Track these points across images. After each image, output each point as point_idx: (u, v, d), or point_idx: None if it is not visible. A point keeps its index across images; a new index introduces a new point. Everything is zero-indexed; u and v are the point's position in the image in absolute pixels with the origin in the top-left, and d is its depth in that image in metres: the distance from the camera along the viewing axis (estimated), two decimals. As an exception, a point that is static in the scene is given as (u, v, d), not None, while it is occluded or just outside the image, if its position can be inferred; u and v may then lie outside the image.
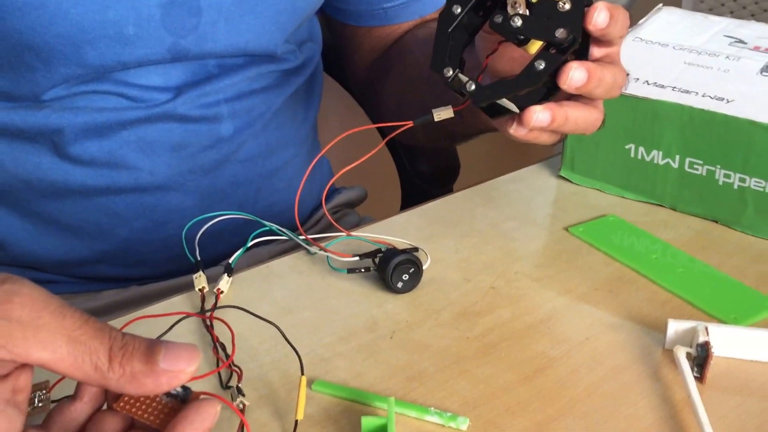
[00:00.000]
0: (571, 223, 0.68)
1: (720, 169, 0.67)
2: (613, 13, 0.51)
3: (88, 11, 0.60)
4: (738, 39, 0.76)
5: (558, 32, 0.50)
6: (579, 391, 0.50)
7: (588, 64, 0.51)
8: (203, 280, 0.58)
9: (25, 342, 0.33)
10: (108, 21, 0.61)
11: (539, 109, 0.52)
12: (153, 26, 0.63)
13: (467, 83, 0.53)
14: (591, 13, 0.50)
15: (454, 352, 0.53)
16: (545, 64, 0.50)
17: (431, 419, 0.47)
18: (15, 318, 0.34)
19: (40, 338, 0.34)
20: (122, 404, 0.37)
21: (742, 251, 0.65)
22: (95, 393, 0.38)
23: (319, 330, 0.55)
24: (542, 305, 0.58)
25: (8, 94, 0.64)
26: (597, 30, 0.50)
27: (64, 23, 0.60)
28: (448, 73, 0.53)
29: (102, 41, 0.62)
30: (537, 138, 0.55)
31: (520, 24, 0.51)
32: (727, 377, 0.52)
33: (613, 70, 0.53)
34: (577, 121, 0.54)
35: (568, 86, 0.51)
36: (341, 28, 0.86)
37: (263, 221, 0.64)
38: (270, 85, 0.75)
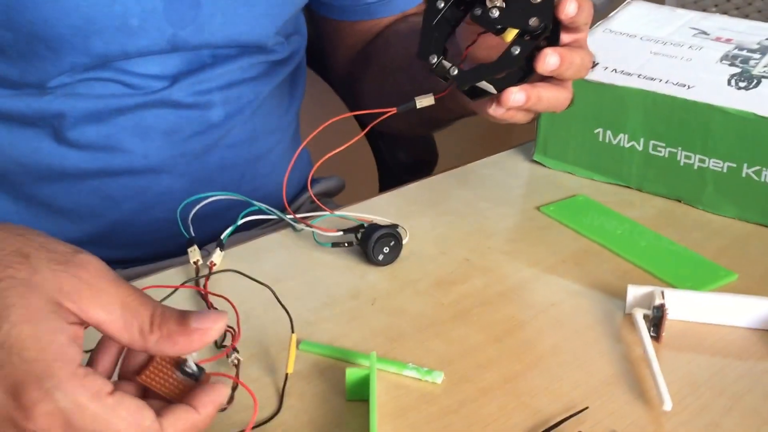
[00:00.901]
0: (543, 203, 0.72)
1: (681, 151, 0.72)
2: (581, 3, 0.56)
3: (97, 4, 0.64)
4: (701, 30, 0.80)
5: (531, 21, 0.56)
6: (544, 349, 0.55)
7: (560, 50, 0.57)
8: (197, 253, 0.62)
9: (90, 301, 0.39)
10: (115, 13, 0.65)
11: (515, 90, 0.58)
12: (155, 18, 0.67)
13: (450, 68, 0.58)
14: (562, 4, 0.56)
15: (430, 316, 0.58)
16: (520, 49, 0.56)
17: (409, 374, 0.51)
18: (85, 280, 0.39)
19: (102, 301, 0.39)
20: (144, 377, 0.41)
21: (702, 227, 0.70)
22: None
23: (305, 297, 0.59)
24: (512, 275, 0.63)
25: (14, 82, 0.68)
26: (567, 18, 0.56)
27: (75, 15, 0.64)
28: (433, 60, 0.58)
29: (108, 32, 0.66)
30: (513, 117, 0.61)
31: (497, 15, 0.57)
32: (681, 337, 0.56)
33: (581, 54, 0.59)
34: (549, 100, 0.60)
35: (544, 70, 0.57)
36: (324, 22, 0.90)
37: (253, 201, 0.67)
38: (259, 75, 0.79)
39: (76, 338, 0.39)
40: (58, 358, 0.37)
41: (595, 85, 0.73)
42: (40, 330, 0.38)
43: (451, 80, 0.58)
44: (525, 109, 0.60)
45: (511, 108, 0.58)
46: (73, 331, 0.39)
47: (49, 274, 0.39)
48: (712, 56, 0.75)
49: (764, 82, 0.70)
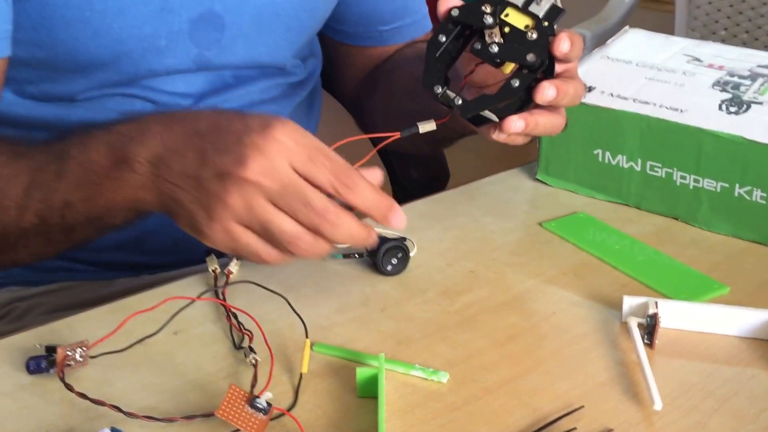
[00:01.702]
0: (545, 219, 0.76)
1: (677, 171, 0.75)
2: (573, 39, 0.62)
3: (127, 26, 0.69)
4: (695, 57, 0.84)
5: (529, 56, 0.61)
6: (545, 353, 0.58)
7: (556, 82, 0.62)
8: (215, 262, 0.65)
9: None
10: (144, 34, 0.70)
11: (515, 118, 0.63)
12: (182, 39, 0.72)
13: (455, 98, 0.63)
14: (557, 42, 0.61)
15: (436, 323, 0.61)
16: (519, 82, 0.61)
17: (416, 374, 0.55)
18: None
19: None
20: (220, 411, 0.47)
21: (698, 243, 0.73)
22: None
23: (318, 304, 0.63)
24: (515, 286, 0.66)
25: (45, 95, 0.72)
26: (561, 55, 0.62)
27: (106, 36, 0.68)
28: (438, 90, 0.63)
29: (137, 52, 0.70)
30: (514, 140, 0.67)
31: (496, 50, 0.62)
32: (674, 345, 0.59)
33: (574, 84, 0.64)
34: (546, 126, 0.65)
35: (542, 101, 0.62)
36: (337, 46, 0.94)
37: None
38: (279, 96, 0.83)
39: None
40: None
41: (593, 109, 0.77)
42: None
43: (455, 108, 0.63)
44: (524, 134, 0.65)
45: (512, 134, 0.63)
46: None
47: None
48: (704, 82, 0.79)
49: (754, 107, 0.74)
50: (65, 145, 0.61)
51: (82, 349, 0.53)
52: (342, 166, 0.56)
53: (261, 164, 0.54)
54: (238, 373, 0.55)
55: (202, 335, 0.59)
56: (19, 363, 0.55)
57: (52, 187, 0.60)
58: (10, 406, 0.52)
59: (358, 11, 0.88)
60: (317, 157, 0.55)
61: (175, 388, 0.54)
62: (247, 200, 0.55)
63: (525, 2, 0.61)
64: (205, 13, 0.72)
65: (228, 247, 0.57)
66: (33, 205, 0.61)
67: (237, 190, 0.54)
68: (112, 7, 0.68)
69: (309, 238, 0.55)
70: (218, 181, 0.55)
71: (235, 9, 0.74)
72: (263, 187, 0.54)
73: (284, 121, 0.56)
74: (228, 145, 0.55)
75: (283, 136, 0.55)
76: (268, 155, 0.54)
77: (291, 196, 0.54)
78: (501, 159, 0.99)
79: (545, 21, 0.61)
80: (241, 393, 0.47)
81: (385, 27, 0.90)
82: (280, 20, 0.77)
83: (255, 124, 0.56)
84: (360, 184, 0.56)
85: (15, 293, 0.79)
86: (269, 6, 0.76)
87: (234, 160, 0.55)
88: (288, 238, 0.55)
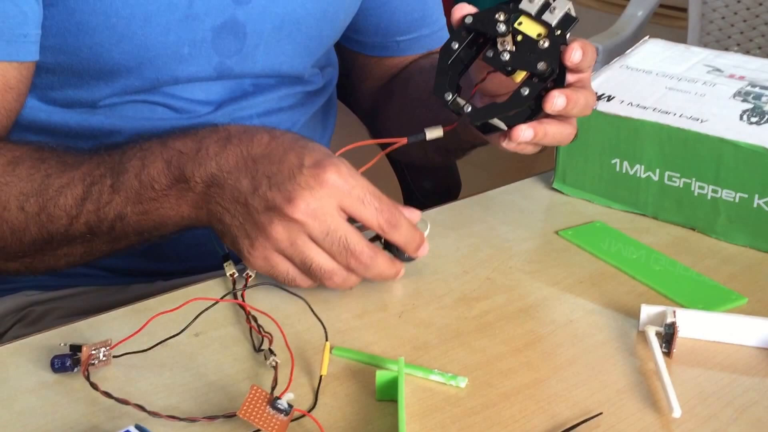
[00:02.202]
0: (561, 228, 0.76)
1: (695, 182, 0.75)
2: (585, 49, 0.62)
3: (152, 33, 0.69)
4: (715, 68, 0.84)
5: (539, 65, 0.61)
6: (562, 360, 0.58)
7: (566, 91, 0.62)
8: (232, 267, 0.66)
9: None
10: (168, 42, 0.70)
11: (524, 127, 0.63)
12: (204, 47, 0.72)
13: (464, 106, 0.63)
14: (569, 52, 0.61)
15: (454, 329, 0.61)
16: (529, 90, 0.61)
17: (435, 378, 0.55)
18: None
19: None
20: (242, 411, 0.47)
21: (715, 254, 0.73)
22: None
23: (336, 308, 0.63)
24: (532, 293, 0.66)
25: (68, 100, 0.73)
26: (572, 64, 0.62)
27: (130, 43, 0.69)
28: (448, 97, 0.63)
29: (160, 59, 0.71)
30: (523, 149, 0.67)
31: (508, 58, 0.62)
32: (691, 354, 0.59)
33: (585, 94, 0.64)
34: (555, 135, 0.66)
35: (552, 110, 0.62)
36: (354, 56, 0.95)
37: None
38: (296, 104, 0.84)
39: None
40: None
41: (612, 118, 0.77)
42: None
43: (464, 116, 0.63)
44: (533, 143, 0.66)
45: (520, 143, 0.64)
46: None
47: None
48: (725, 92, 0.79)
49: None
50: (121, 159, 0.63)
51: (106, 349, 0.54)
52: (389, 207, 0.60)
53: (310, 205, 0.57)
54: (258, 375, 0.55)
55: (223, 337, 0.59)
56: (43, 361, 0.55)
57: (107, 200, 0.62)
58: (35, 403, 0.53)
59: (376, 22, 0.89)
60: (368, 199, 0.59)
61: (197, 388, 0.54)
62: (292, 237, 0.58)
63: (538, 11, 0.61)
64: (228, 22, 0.73)
65: (265, 271, 0.61)
66: (84, 216, 0.63)
67: (283, 226, 0.58)
68: (138, 14, 0.69)
69: (343, 274, 0.60)
70: (266, 213, 0.58)
71: (257, 18, 0.75)
72: (308, 227, 0.58)
73: (337, 163, 0.59)
74: (280, 180, 0.58)
75: (336, 178, 0.58)
76: (318, 198, 0.57)
77: (333, 239, 0.58)
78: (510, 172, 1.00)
79: (558, 30, 0.61)
80: (263, 394, 0.48)
81: (403, 38, 0.91)
82: (301, 30, 0.78)
83: (309, 162, 0.58)
84: (402, 224, 0.61)
85: (31, 297, 0.79)
86: (290, 16, 0.77)
87: (285, 197, 0.58)
88: (324, 273, 0.60)
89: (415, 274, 0.68)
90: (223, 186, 0.60)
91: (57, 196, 0.63)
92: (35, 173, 0.63)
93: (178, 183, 0.61)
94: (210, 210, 0.61)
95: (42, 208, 0.63)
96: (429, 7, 0.91)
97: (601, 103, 0.78)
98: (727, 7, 1.94)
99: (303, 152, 0.59)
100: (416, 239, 0.62)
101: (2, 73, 0.66)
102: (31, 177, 0.63)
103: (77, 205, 0.62)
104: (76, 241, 0.64)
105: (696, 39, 1.95)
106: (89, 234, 0.63)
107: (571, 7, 0.62)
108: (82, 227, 0.63)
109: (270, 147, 0.60)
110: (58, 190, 0.63)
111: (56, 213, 0.63)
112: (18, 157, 0.64)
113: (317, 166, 0.58)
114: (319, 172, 0.58)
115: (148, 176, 0.62)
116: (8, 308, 0.79)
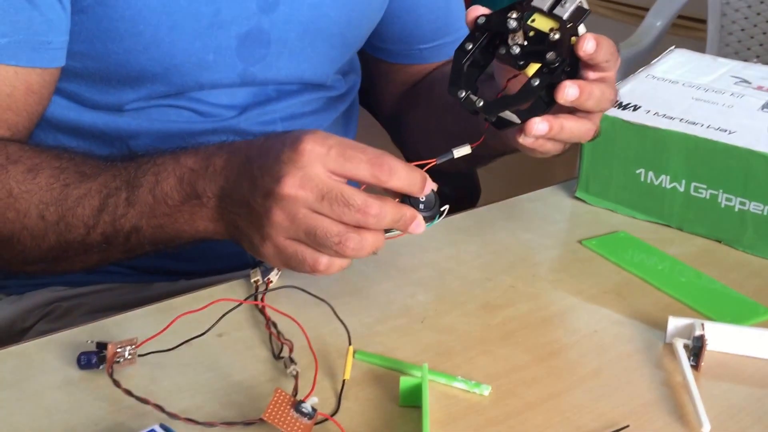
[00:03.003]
0: (585, 237, 0.75)
1: (722, 193, 0.74)
2: (599, 41, 0.61)
3: (178, 40, 0.70)
4: (743, 79, 0.83)
5: (549, 55, 0.60)
6: (587, 371, 0.57)
7: (579, 82, 0.61)
8: (258, 273, 0.65)
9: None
10: (194, 49, 0.71)
11: (538, 120, 0.62)
12: (229, 54, 0.73)
13: (476, 101, 0.62)
14: (581, 42, 0.60)
15: (477, 336, 0.60)
16: (539, 81, 0.61)
17: (458, 385, 0.54)
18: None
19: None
20: (267, 414, 0.47)
21: (742, 267, 0.72)
22: None
23: (359, 313, 0.62)
24: (556, 302, 0.65)
25: (95, 103, 0.73)
26: (586, 55, 0.60)
27: (157, 49, 0.70)
28: (461, 95, 0.62)
29: (186, 65, 0.71)
30: (543, 146, 0.65)
31: (518, 51, 0.62)
32: (720, 367, 0.58)
33: (601, 86, 0.63)
34: (572, 130, 0.64)
35: (564, 100, 0.61)
36: (377, 64, 0.94)
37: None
38: (318, 109, 0.84)
39: None
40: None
41: (638, 127, 0.76)
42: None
43: (481, 116, 0.63)
44: (550, 139, 0.64)
45: (535, 136, 0.62)
46: None
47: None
48: (753, 104, 0.78)
49: (804, 130, 0.73)
50: (136, 174, 0.63)
51: (132, 347, 0.54)
52: (377, 154, 0.57)
53: (296, 177, 0.56)
54: (281, 378, 0.55)
55: (246, 339, 0.59)
56: (69, 358, 0.55)
57: (122, 213, 0.62)
58: (60, 399, 0.52)
59: (400, 29, 0.89)
60: (351, 154, 0.56)
61: (220, 389, 0.54)
62: (290, 214, 0.56)
63: (550, 6, 0.61)
64: (253, 30, 0.73)
65: (280, 261, 0.58)
66: (101, 227, 0.63)
67: (280, 208, 0.56)
68: (165, 21, 0.69)
69: (355, 235, 0.56)
70: (264, 203, 0.57)
71: (281, 26, 0.75)
72: (301, 198, 0.56)
73: (312, 130, 0.57)
74: (268, 166, 0.57)
75: (313, 145, 0.56)
76: (301, 166, 0.56)
77: (330, 200, 0.55)
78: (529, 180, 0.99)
79: (570, 22, 0.60)
80: (287, 397, 0.47)
81: (426, 45, 0.91)
82: (325, 38, 0.78)
83: (288, 140, 0.57)
84: (395, 167, 0.57)
85: (58, 293, 0.79)
86: (314, 23, 0.77)
87: (273, 178, 0.56)
88: (336, 239, 0.55)
89: (438, 280, 0.67)
90: (231, 195, 0.60)
91: (75, 206, 0.63)
92: (55, 183, 0.64)
93: (191, 199, 0.61)
94: (226, 221, 0.61)
95: (61, 217, 0.63)
96: (452, 15, 0.90)
97: (626, 113, 0.77)
98: (746, 19, 1.93)
99: (285, 136, 0.58)
100: (418, 178, 0.58)
101: (26, 78, 0.67)
102: (50, 186, 0.63)
103: (94, 216, 0.63)
104: (92, 249, 0.65)
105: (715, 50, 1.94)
106: (105, 243, 0.64)
107: (583, 0, 0.61)
108: (98, 237, 0.63)
109: (264, 145, 0.60)
110: (77, 200, 0.63)
111: (74, 222, 0.63)
112: (38, 164, 0.64)
113: (294, 140, 0.57)
114: (296, 145, 0.56)
115: (162, 192, 0.62)
116: (35, 303, 0.79)
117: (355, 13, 0.80)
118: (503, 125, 0.63)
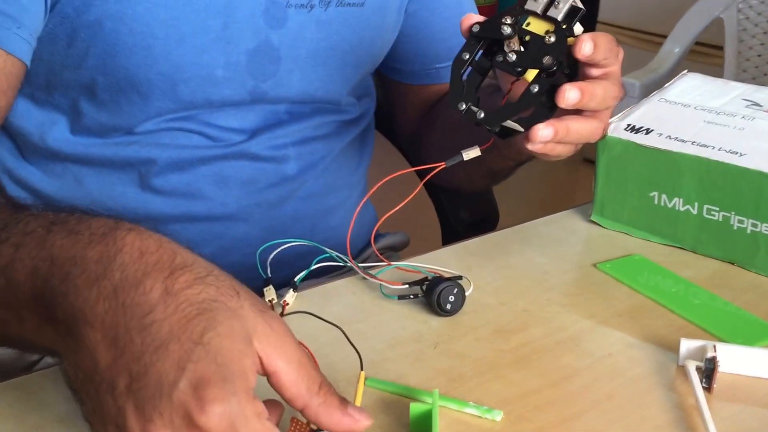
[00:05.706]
0: (599, 261, 0.75)
1: (734, 215, 0.74)
2: (596, 41, 0.61)
3: (187, 53, 0.71)
4: (754, 102, 0.83)
5: (545, 59, 0.60)
6: (600, 395, 0.57)
7: (579, 84, 0.61)
8: (272, 292, 0.66)
9: (274, 350, 0.44)
10: (202, 63, 0.72)
11: (542, 126, 0.62)
12: (239, 70, 0.74)
13: (477, 112, 0.62)
14: (578, 44, 0.61)
15: (490, 361, 0.61)
16: (539, 86, 0.61)
17: (470, 411, 0.55)
18: (275, 330, 0.45)
19: (284, 353, 0.44)
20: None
21: (755, 289, 0.72)
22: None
23: (371, 339, 0.63)
24: (570, 326, 0.66)
25: (103, 126, 0.74)
26: (584, 57, 0.61)
27: (165, 63, 0.71)
28: (462, 107, 0.63)
29: (195, 80, 0.72)
30: (553, 150, 0.65)
31: (515, 58, 0.62)
32: (732, 389, 0.58)
33: (604, 85, 0.63)
34: (579, 131, 0.64)
35: (565, 104, 0.61)
36: (394, 85, 0.95)
37: (325, 248, 0.72)
38: (331, 133, 0.84)
39: (254, 372, 0.43)
40: (242, 375, 0.42)
41: (650, 151, 0.77)
42: (235, 348, 0.43)
43: (480, 122, 0.62)
44: (558, 142, 0.63)
45: (541, 142, 0.62)
46: (255, 365, 0.43)
47: (250, 313, 0.44)
48: (764, 126, 0.78)
49: (816, 151, 0.73)
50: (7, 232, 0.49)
51: None
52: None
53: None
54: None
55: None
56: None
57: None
58: None
59: (415, 49, 0.90)
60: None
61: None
62: None
63: (544, 8, 0.61)
64: (262, 45, 0.74)
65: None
66: None
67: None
68: (173, 35, 0.70)
69: None
70: (112, 419, 0.42)
71: (291, 43, 0.76)
72: None
73: (228, 388, 0.42)
74: (143, 392, 0.41)
75: (221, 414, 0.41)
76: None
77: None
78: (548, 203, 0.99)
79: (564, 23, 0.60)
80: (304, 426, 0.48)
81: (442, 65, 0.91)
82: (336, 55, 0.79)
83: (191, 376, 0.41)
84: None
85: None
86: (325, 41, 0.78)
87: (138, 419, 0.41)
88: None
89: (451, 306, 0.67)
90: (78, 337, 0.43)
91: None
92: None
93: (39, 304, 0.46)
94: (65, 347, 0.45)
95: None
96: None
97: (639, 136, 0.78)
98: (762, 45, 1.94)
99: (191, 353, 0.41)
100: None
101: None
102: None
103: None
104: None
105: (732, 75, 1.94)
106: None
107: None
108: None
109: (155, 315, 0.42)
110: None
111: None
112: None
113: (200, 386, 0.41)
114: (201, 396, 0.40)
115: (14, 279, 0.47)
116: None
117: (367, 31, 0.81)
118: (507, 134, 0.64)
